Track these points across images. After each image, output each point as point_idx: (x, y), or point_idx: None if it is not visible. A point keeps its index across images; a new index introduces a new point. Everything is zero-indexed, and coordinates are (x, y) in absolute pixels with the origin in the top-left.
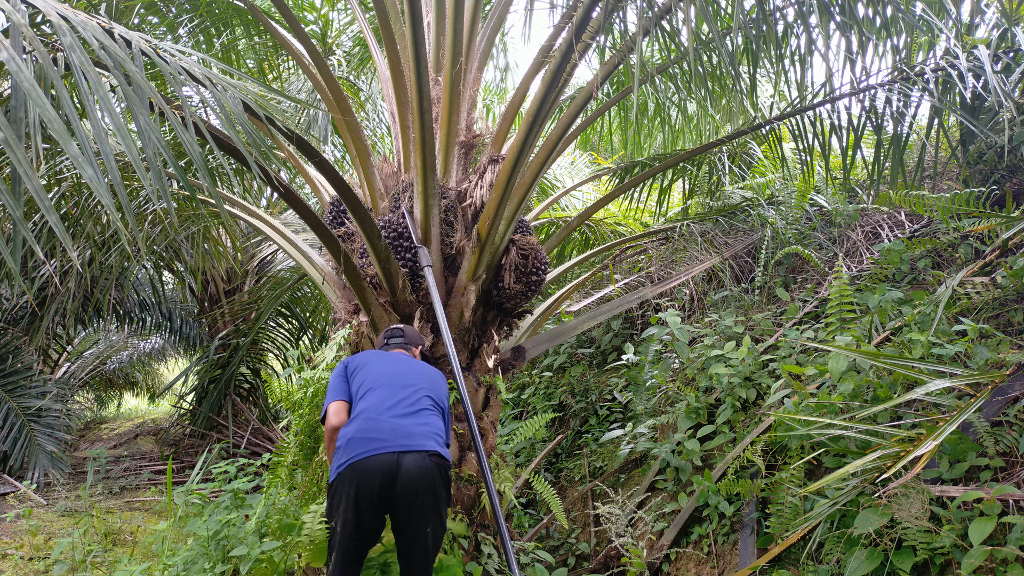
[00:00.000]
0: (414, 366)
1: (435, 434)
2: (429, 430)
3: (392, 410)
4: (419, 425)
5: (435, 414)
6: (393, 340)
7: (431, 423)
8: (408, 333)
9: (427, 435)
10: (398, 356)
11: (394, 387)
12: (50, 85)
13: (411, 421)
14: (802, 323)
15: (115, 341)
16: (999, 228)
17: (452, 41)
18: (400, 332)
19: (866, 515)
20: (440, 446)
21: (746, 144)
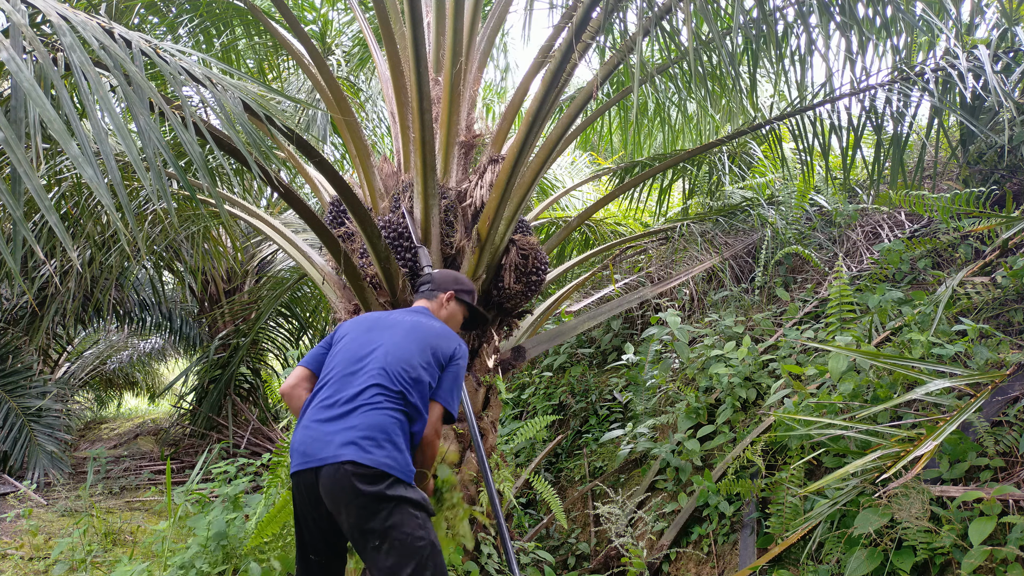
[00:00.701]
0: (390, 334)
1: (363, 436)
2: (355, 434)
3: (325, 411)
4: (343, 430)
5: (382, 403)
6: (420, 290)
7: (365, 420)
8: (438, 278)
9: (348, 441)
10: (388, 320)
11: (344, 375)
12: (50, 85)
13: (336, 426)
14: (802, 323)
15: (115, 341)
16: (999, 228)
17: (452, 41)
18: (427, 279)
19: (866, 515)
20: (369, 448)
21: (746, 144)
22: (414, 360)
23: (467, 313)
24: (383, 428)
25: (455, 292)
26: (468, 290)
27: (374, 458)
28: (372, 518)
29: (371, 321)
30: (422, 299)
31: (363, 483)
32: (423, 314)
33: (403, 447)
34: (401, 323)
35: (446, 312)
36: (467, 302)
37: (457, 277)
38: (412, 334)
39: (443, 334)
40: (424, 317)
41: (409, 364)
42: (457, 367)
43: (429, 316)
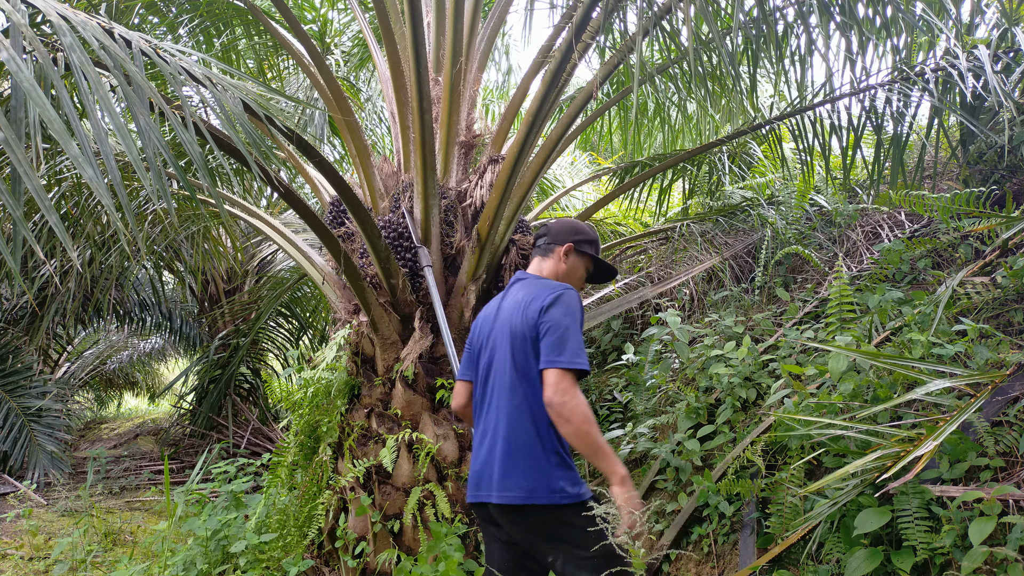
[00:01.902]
0: (505, 313)
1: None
2: (512, 463)
3: (478, 429)
4: (501, 457)
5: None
6: (537, 242)
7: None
8: (554, 229)
9: (510, 472)
10: (504, 299)
11: (480, 381)
12: (50, 85)
13: (493, 453)
14: (802, 323)
15: (115, 341)
16: (999, 228)
17: (452, 41)
18: (544, 231)
19: (866, 515)
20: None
21: (746, 144)
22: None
23: (590, 266)
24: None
25: (574, 243)
26: (590, 240)
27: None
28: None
29: (495, 306)
30: (536, 256)
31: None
32: (523, 285)
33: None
34: (517, 299)
35: (565, 267)
36: (590, 253)
37: (576, 226)
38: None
39: (536, 297)
40: (525, 291)
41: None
42: (550, 317)
43: (530, 283)
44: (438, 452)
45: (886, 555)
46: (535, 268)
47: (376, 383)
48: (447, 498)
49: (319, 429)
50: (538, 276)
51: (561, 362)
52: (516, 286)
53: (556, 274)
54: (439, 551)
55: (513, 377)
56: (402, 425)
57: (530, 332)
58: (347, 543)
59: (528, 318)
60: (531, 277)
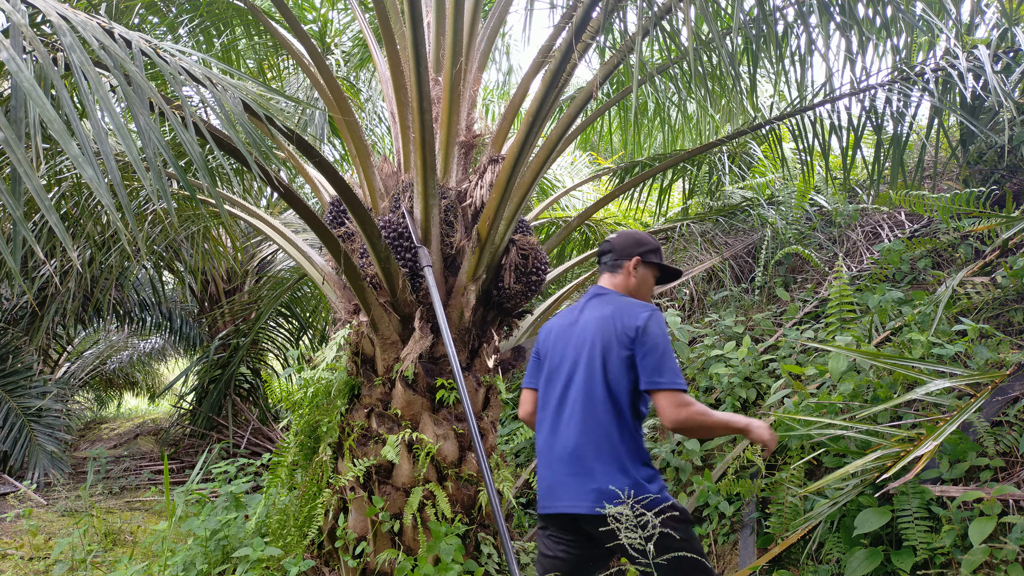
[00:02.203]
0: (580, 324)
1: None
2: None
3: (552, 438)
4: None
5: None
6: (602, 259)
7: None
8: (619, 244)
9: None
10: (579, 311)
11: (551, 387)
12: (50, 85)
13: (570, 466)
14: (802, 323)
15: (115, 341)
16: (999, 228)
17: (452, 41)
18: (607, 246)
19: (866, 515)
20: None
21: (746, 144)
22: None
23: (657, 273)
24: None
25: (640, 256)
26: (654, 248)
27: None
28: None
29: (568, 317)
30: (605, 273)
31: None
32: (604, 301)
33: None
34: (592, 313)
35: (635, 280)
36: (655, 262)
37: (638, 238)
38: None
39: (626, 314)
40: (610, 306)
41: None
42: (649, 338)
43: (611, 299)
44: (438, 452)
45: (886, 555)
46: (607, 284)
47: (376, 383)
48: (447, 498)
49: (319, 429)
50: (617, 292)
51: (665, 383)
52: (596, 300)
53: (628, 288)
54: (439, 551)
55: (601, 389)
56: (402, 425)
57: (623, 348)
58: (347, 543)
59: (622, 334)
60: (611, 292)
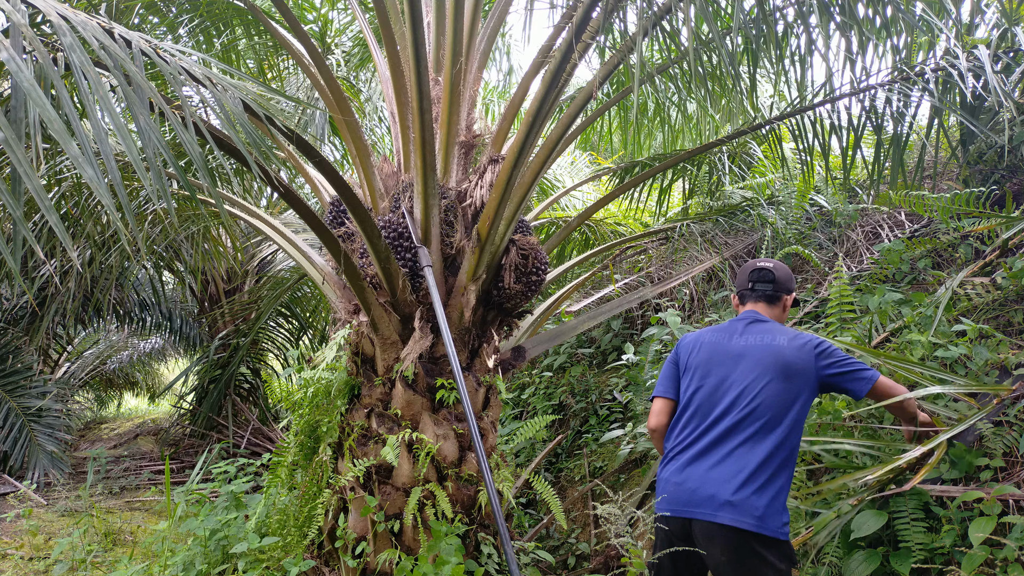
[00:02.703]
0: (750, 349)
1: (744, 483)
2: (735, 482)
3: (694, 446)
4: (718, 476)
5: (757, 440)
6: (758, 287)
7: (741, 462)
8: (781, 278)
9: (725, 493)
10: (738, 336)
11: (709, 403)
12: (50, 85)
13: (709, 470)
14: (802, 323)
15: (115, 341)
16: (999, 228)
17: (452, 41)
18: (768, 275)
19: (864, 518)
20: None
21: (746, 144)
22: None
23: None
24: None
25: (793, 293)
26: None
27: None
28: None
29: (721, 336)
30: (761, 301)
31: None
32: (774, 329)
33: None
34: (758, 336)
35: (785, 314)
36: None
37: (791, 274)
38: (778, 355)
39: (800, 337)
40: (779, 334)
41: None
42: (831, 353)
43: (780, 329)
44: (438, 452)
45: (885, 556)
46: (764, 312)
47: (376, 383)
48: (447, 498)
49: (319, 429)
50: (774, 322)
51: (870, 376)
52: (759, 326)
53: (781, 321)
54: (439, 551)
55: (766, 405)
56: (402, 425)
57: (808, 370)
58: (347, 543)
59: (794, 359)
60: (773, 322)
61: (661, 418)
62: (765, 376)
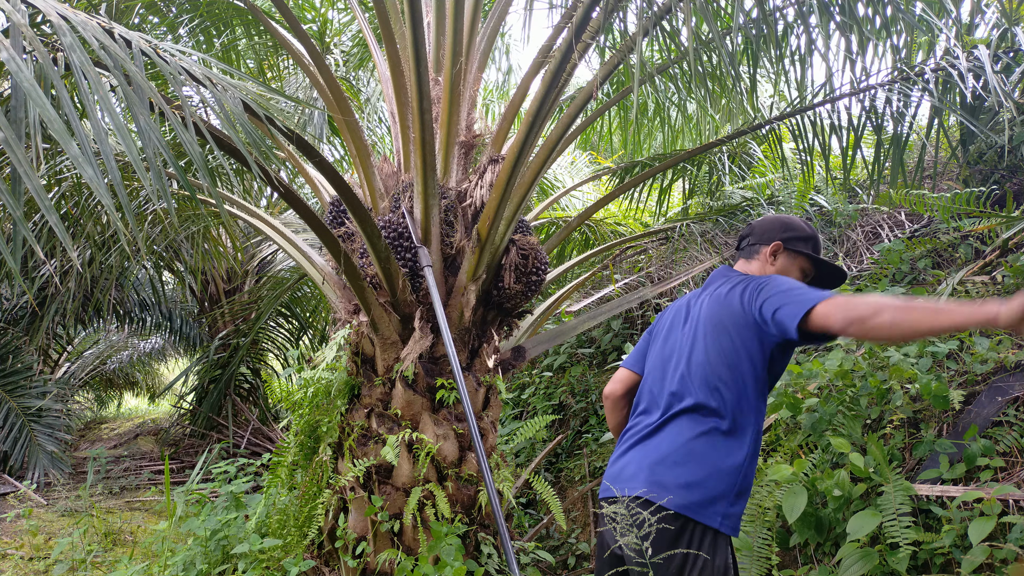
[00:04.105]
0: (699, 305)
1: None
2: (656, 456)
3: (634, 428)
4: (648, 453)
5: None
6: (740, 246)
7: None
8: (759, 227)
9: (647, 467)
10: (698, 293)
11: (654, 379)
12: (50, 85)
13: (642, 449)
14: None
15: (115, 341)
16: (999, 228)
17: (452, 41)
18: (748, 230)
19: (858, 520)
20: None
21: (746, 144)
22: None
23: (808, 267)
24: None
25: (783, 241)
26: (805, 236)
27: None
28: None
29: (688, 303)
30: (740, 258)
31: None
32: (729, 278)
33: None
34: (710, 302)
35: (774, 269)
36: (806, 252)
37: (785, 222)
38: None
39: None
40: (715, 285)
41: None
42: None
43: (734, 275)
44: (438, 452)
45: (882, 555)
46: (738, 268)
47: (376, 383)
48: (447, 498)
49: (319, 429)
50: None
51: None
52: (727, 278)
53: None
54: (439, 551)
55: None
56: (402, 425)
57: (733, 326)
58: (347, 543)
59: (729, 309)
60: (735, 272)
61: (615, 386)
62: (711, 330)
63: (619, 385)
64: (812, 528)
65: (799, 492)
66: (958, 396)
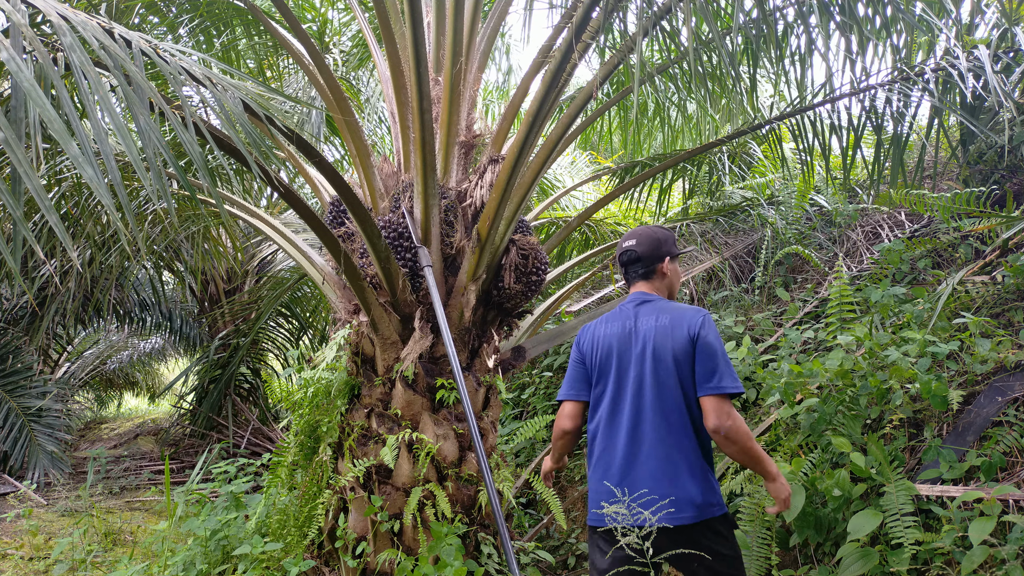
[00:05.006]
0: (640, 335)
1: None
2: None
3: (608, 445)
4: (660, 478)
5: (668, 427)
6: (630, 272)
7: (666, 460)
8: (643, 251)
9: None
10: (629, 321)
11: (617, 399)
12: (50, 85)
13: (645, 474)
14: (802, 323)
15: (115, 341)
16: (999, 228)
17: (452, 41)
18: (634, 255)
19: (859, 519)
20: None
21: (746, 144)
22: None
23: (679, 258)
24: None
25: (668, 256)
26: (672, 239)
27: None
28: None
29: (610, 322)
30: (638, 281)
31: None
32: (655, 308)
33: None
34: (640, 316)
35: (670, 277)
36: (677, 252)
37: (658, 236)
38: (664, 330)
39: (681, 321)
40: (665, 315)
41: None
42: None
43: (662, 306)
44: (438, 452)
45: (882, 555)
46: (648, 289)
47: (376, 383)
48: (447, 498)
49: (319, 429)
50: (661, 297)
51: (723, 388)
52: (647, 307)
53: (669, 290)
54: (439, 551)
55: (669, 399)
56: (402, 425)
57: (684, 357)
58: (347, 543)
59: (679, 343)
60: (659, 299)
61: (574, 420)
62: (661, 360)
63: (579, 420)
64: (811, 527)
65: (797, 491)
66: (957, 396)
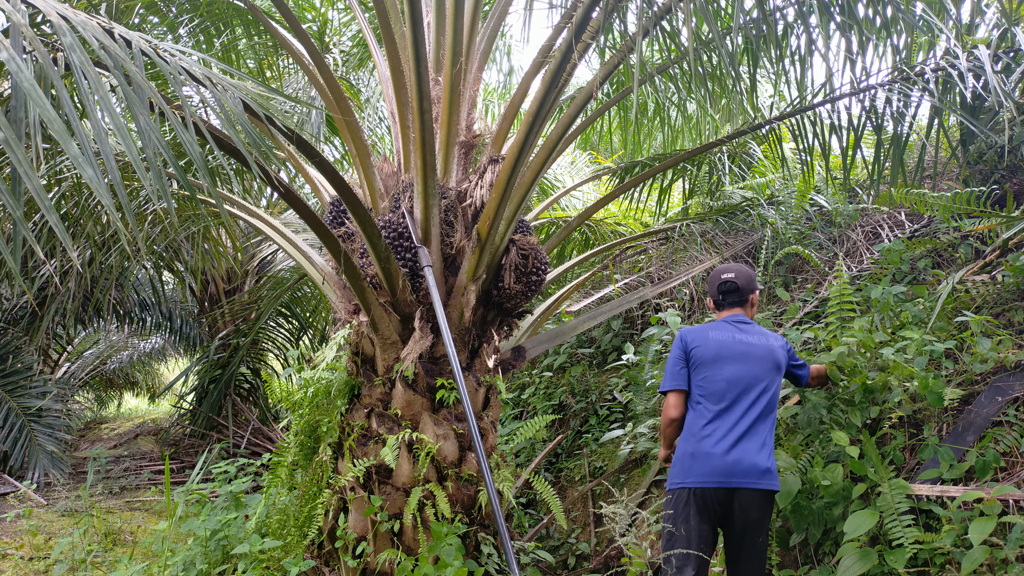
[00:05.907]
0: (753, 348)
1: (769, 454)
2: (764, 454)
3: (735, 429)
4: (755, 450)
5: (770, 420)
6: (728, 299)
7: (763, 438)
8: (743, 282)
9: (762, 464)
10: (737, 334)
11: (733, 392)
12: (50, 85)
13: (750, 448)
14: (802, 323)
15: (115, 341)
16: (999, 228)
17: (452, 41)
18: (733, 286)
19: (856, 519)
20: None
21: (746, 144)
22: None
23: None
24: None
25: (757, 289)
26: (753, 275)
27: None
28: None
29: (721, 334)
30: (736, 308)
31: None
32: (762, 331)
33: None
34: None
35: (755, 310)
36: (759, 288)
37: (752, 275)
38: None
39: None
40: (767, 336)
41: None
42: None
43: (765, 331)
44: (438, 452)
45: (880, 555)
46: (743, 314)
47: (376, 383)
48: (447, 498)
49: (319, 429)
50: (753, 320)
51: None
52: (749, 327)
53: (754, 312)
54: (439, 551)
55: (773, 395)
56: (402, 425)
57: (784, 366)
58: (347, 543)
59: (781, 358)
60: (754, 324)
61: (680, 409)
62: (769, 371)
63: (684, 408)
64: (807, 522)
65: (792, 479)
66: (952, 394)
